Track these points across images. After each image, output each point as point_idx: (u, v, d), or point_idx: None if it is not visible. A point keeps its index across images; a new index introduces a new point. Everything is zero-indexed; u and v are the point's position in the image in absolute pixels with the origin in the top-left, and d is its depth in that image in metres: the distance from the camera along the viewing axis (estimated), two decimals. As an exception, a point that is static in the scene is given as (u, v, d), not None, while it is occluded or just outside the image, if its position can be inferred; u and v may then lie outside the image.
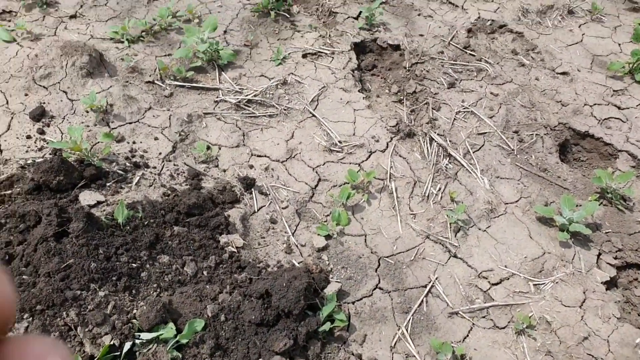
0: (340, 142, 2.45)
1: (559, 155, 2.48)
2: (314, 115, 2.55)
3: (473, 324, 1.91)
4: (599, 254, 2.10)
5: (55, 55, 2.55)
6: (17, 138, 2.33)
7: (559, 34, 3.10)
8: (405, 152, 2.42)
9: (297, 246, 2.10)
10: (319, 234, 2.14)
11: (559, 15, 3.21)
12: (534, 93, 2.69)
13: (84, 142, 2.26)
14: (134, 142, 2.38)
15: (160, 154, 2.35)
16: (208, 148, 2.38)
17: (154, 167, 2.30)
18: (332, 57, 2.84)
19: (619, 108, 2.63)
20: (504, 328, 1.90)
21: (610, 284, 2.01)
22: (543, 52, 2.90)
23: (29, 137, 2.34)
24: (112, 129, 2.40)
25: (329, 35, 2.95)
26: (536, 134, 2.50)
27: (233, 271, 2.03)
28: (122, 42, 2.77)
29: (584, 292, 1.96)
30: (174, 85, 2.63)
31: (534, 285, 1.99)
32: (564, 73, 2.79)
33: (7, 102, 2.42)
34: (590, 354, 1.80)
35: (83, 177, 2.22)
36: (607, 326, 1.86)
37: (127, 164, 2.30)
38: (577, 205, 2.20)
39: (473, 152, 2.42)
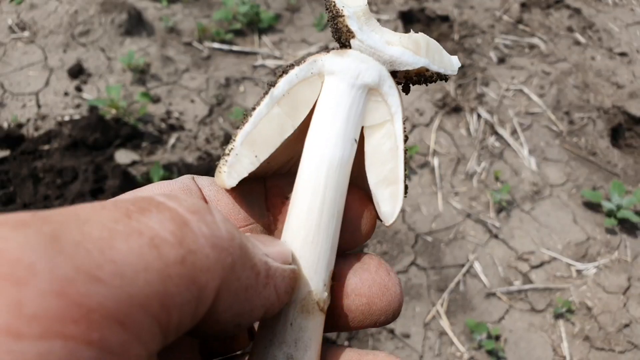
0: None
1: (611, 140, 2.52)
2: (354, 86, 2.63)
3: (510, 305, 2.00)
4: (647, 243, 2.17)
5: (95, 11, 2.68)
6: (55, 94, 2.47)
7: (619, 13, 3.11)
8: (450, 127, 2.50)
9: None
10: (355, 207, 2.24)
11: (620, -8, 3.21)
12: (589, 73, 2.73)
13: (121, 100, 2.39)
14: (170, 104, 2.50)
15: (196, 117, 2.47)
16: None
17: (190, 130, 2.42)
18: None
19: (679, 93, 2.66)
20: (541, 311, 1.99)
21: (657, 274, 2.09)
22: (601, 31, 2.92)
23: (66, 93, 2.48)
24: (149, 89, 2.52)
25: (375, 2, 3.02)
26: (588, 117, 2.55)
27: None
28: (161, 1, 2.88)
29: (629, 280, 2.04)
30: (212, 47, 2.74)
31: (576, 270, 2.07)
32: (622, 54, 2.82)
33: (46, 58, 2.56)
34: (630, 341, 1.88)
35: (119, 136, 2.35)
36: (651, 314, 1.94)
37: (163, 126, 2.42)
38: (626, 192, 2.26)
39: (521, 131, 2.48)
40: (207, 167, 2.26)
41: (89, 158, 2.24)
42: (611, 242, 2.16)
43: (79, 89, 2.50)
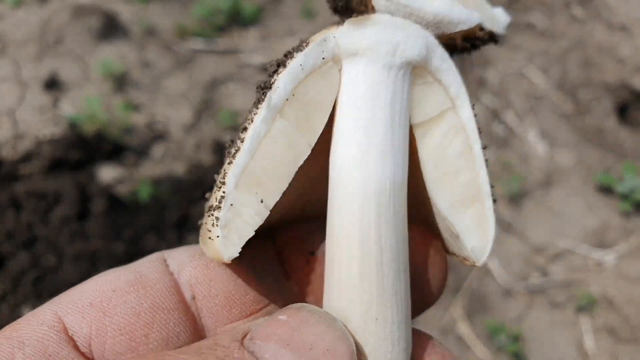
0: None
1: (618, 118, 2.42)
2: (346, 78, 2.51)
3: (529, 302, 1.91)
4: (666, 226, 2.08)
5: (67, 18, 2.52)
6: (32, 110, 2.32)
7: (614, -18, 2.99)
8: (448, 117, 2.38)
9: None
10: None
11: (614, -41, 3.08)
12: (589, 50, 2.61)
13: (102, 113, 2.25)
14: (153, 112, 2.36)
15: (182, 123, 2.34)
16: (235, 116, 2.36)
17: (177, 138, 2.29)
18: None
19: (685, 64, 2.56)
20: (562, 306, 1.90)
21: (679, 258, 2.00)
22: (599, 4, 2.81)
23: (43, 109, 2.33)
24: (130, 97, 2.38)
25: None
26: (593, 95, 2.44)
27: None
28: (136, 1, 2.72)
29: (652, 268, 1.95)
30: (193, 48, 2.59)
31: (595, 260, 1.98)
32: (622, 27, 2.70)
33: (19, 72, 2.40)
34: (659, 334, 1.80)
35: (102, 151, 2.22)
36: (679, 304, 1.86)
37: (148, 136, 2.28)
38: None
39: (525, 116, 2.37)
40: (197, 179, 2.13)
41: (71, 178, 2.10)
42: (628, 227, 2.07)
43: (56, 103, 2.35)
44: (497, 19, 0.33)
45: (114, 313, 0.29)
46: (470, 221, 0.31)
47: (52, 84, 2.38)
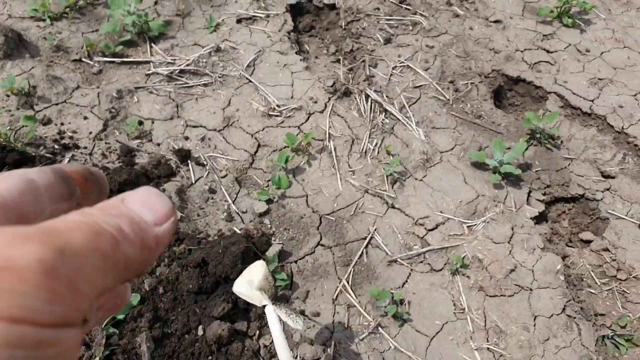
0: (278, 106, 2.60)
1: (494, 102, 2.69)
2: (250, 81, 2.70)
3: (411, 269, 2.12)
4: (530, 192, 2.33)
5: (-30, 39, 2.62)
6: (-62, 128, 2.40)
7: (495, -18, 3.30)
8: (342, 111, 2.60)
9: (238, 213, 2.26)
10: (259, 199, 2.30)
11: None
12: (468, 42, 2.89)
13: (4, 127, 2.35)
14: (61, 124, 2.48)
15: (90, 133, 2.47)
16: (140, 123, 2.50)
17: (85, 148, 2.41)
18: (268, 21, 2.98)
19: (548, 52, 2.86)
20: (440, 270, 2.11)
21: (540, 219, 2.25)
22: (477, 2, 3.10)
23: (-50, 126, 2.42)
24: (37, 111, 2.49)
25: (261, -1, 3.08)
26: (471, 83, 2.71)
27: (171, 244, 2.18)
28: (44, 20, 2.84)
29: (512, 228, 2.19)
30: (102, 61, 2.73)
31: (467, 227, 2.21)
32: (497, 21, 3.00)
33: None
34: (517, 284, 2.03)
35: (5, 164, 2.31)
36: (532, 257, 2.10)
37: (56, 146, 2.40)
38: (508, 148, 2.42)
39: (409, 106, 2.61)
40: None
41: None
42: (498, 196, 2.32)
43: (-37, 120, 2.44)
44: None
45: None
46: None
47: (-40, 103, 2.47)
